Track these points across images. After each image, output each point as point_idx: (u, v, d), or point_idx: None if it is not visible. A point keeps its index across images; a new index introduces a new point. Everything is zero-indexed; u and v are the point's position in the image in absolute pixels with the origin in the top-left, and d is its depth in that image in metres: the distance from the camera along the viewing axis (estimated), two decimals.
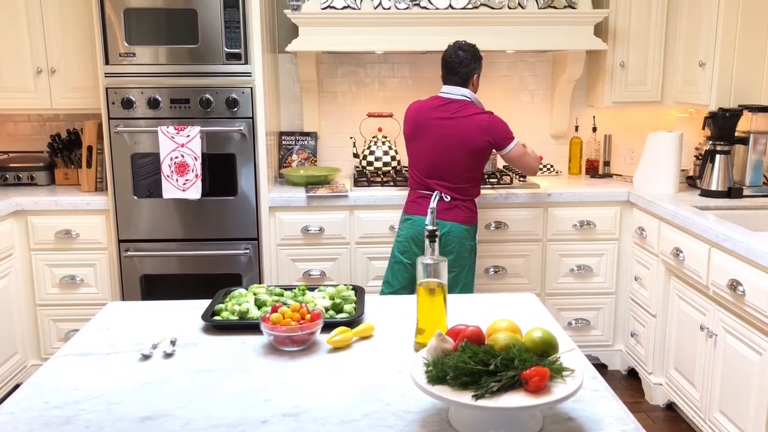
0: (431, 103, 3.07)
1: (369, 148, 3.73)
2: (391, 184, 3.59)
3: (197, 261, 3.42)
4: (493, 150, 3.08)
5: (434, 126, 3.01)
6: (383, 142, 3.74)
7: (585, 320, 3.62)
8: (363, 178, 3.69)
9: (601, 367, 3.64)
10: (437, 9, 3.46)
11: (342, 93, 3.99)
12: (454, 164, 3.01)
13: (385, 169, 3.71)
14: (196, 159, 3.27)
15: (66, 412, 1.38)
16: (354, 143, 3.83)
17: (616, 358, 3.68)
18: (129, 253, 3.40)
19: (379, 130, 3.80)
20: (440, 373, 1.28)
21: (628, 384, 3.53)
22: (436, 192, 3.03)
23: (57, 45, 3.53)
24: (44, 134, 3.93)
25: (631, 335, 3.50)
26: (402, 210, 3.18)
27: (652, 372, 3.29)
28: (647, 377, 3.33)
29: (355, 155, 3.80)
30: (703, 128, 3.41)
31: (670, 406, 3.24)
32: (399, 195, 3.40)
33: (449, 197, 3.03)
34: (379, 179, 3.66)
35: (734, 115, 3.28)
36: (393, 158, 3.74)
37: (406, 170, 3.70)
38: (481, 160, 3.07)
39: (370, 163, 3.71)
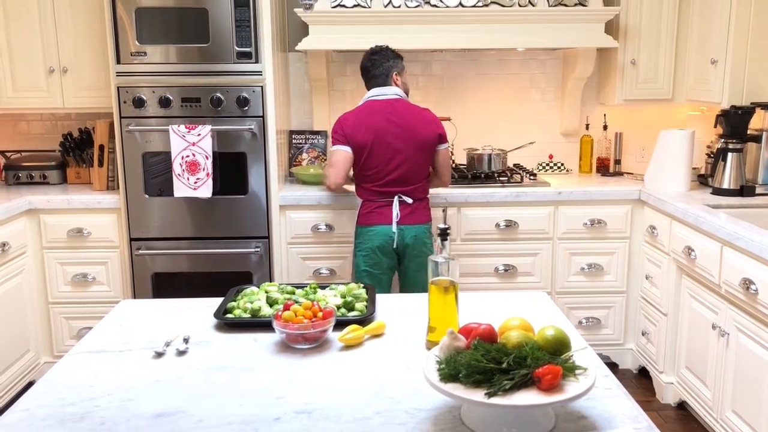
0: (376, 107, 3.01)
1: None
2: None
3: (208, 259, 3.43)
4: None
5: (391, 130, 2.97)
6: None
7: (596, 319, 3.61)
8: None
9: (612, 366, 3.63)
10: (447, 7, 3.46)
11: (351, 91, 3.99)
12: (413, 164, 3.00)
13: None
14: (207, 158, 3.28)
15: (81, 408, 1.39)
16: None
17: (627, 357, 3.66)
18: (140, 251, 3.41)
19: None
20: (453, 370, 1.28)
21: (639, 383, 3.52)
22: (396, 196, 3.00)
23: (69, 44, 3.55)
24: (56, 133, 3.95)
25: (642, 334, 3.49)
26: (356, 222, 3.10)
27: (664, 371, 3.28)
28: (658, 376, 3.32)
29: None
30: (715, 126, 3.39)
31: (682, 405, 3.22)
32: None
33: (411, 200, 3.01)
34: None
35: (747, 112, 3.26)
36: None
37: None
38: (431, 155, 3.07)
39: None
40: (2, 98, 3.60)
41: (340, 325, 1.73)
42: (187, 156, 3.28)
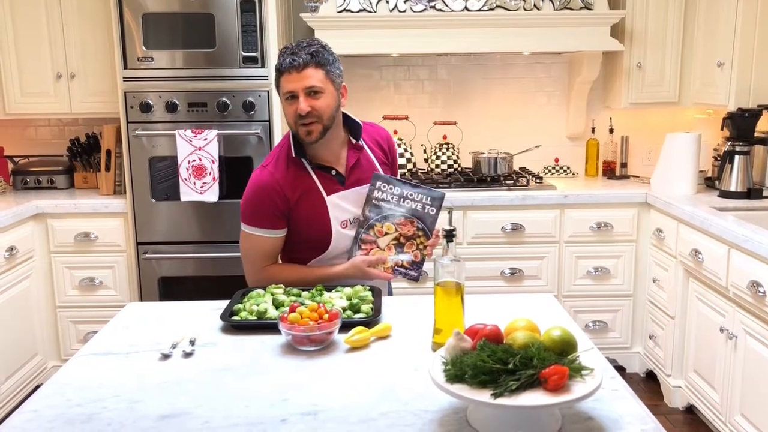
0: None
1: None
2: None
3: (214, 263, 3.43)
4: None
5: None
6: (398, 145, 3.74)
7: (602, 322, 3.59)
8: None
9: (619, 370, 3.59)
10: (453, 11, 3.46)
11: (357, 96, 3.99)
12: None
13: (400, 171, 3.71)
14: (213, 162, 3.29)
15: (88, 409, 1.40)
16: None
17: (635, 361, 3.65)
18: (147, 255, 3.42)
19: (395, 132, 3.80)
20: (459, 371, 1.27)
21: (646, 387, 3.50)
22: None
23: (76, 50, 3.57)
24: (64, 138, 3.97)
25: (650, 337, 3.48)
26: None
27: (671, 374, 3.26)
28: (666, 380, 3.31)
29: None
30: (722, 129, 3.38)
31: (690, 409, 3.21)
32: None
33: None
34: None
35: (753, 115, 3.25)
36: (408, 160, 3.74)
37: (421, 173, 3.67)
38: None
39: None
40: (10, 104, 3.63)
41: (346, 327, 1.73)
42: (194, 160, 3.29)
